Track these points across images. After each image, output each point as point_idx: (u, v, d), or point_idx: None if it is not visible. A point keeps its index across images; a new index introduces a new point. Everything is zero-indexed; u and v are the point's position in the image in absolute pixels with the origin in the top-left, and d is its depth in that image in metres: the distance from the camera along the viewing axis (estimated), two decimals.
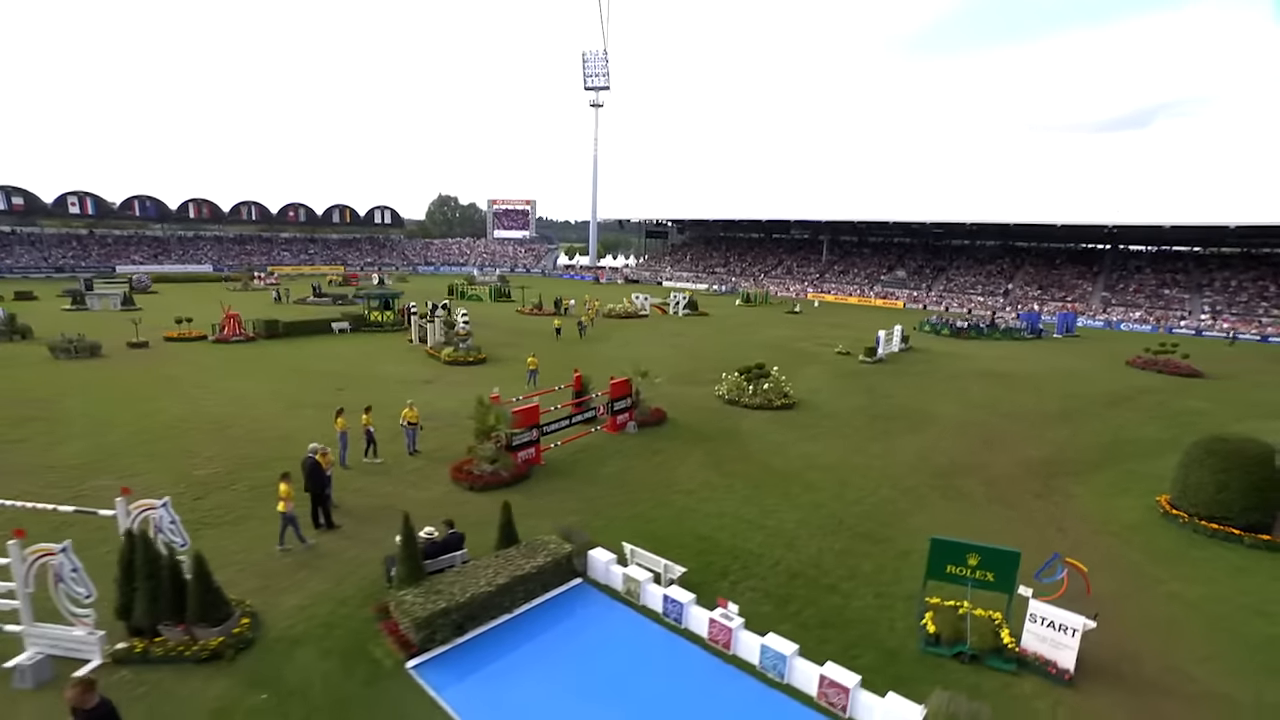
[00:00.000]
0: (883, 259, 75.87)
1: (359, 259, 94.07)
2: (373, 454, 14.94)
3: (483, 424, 14.06)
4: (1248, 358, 35.95)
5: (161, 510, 8.90)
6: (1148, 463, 16.57)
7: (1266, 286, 47.79)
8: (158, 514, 8.87)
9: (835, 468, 15.84)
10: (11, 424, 17.16)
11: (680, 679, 8.05)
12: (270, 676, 7.72)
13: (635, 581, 9.48)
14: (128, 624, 8.15)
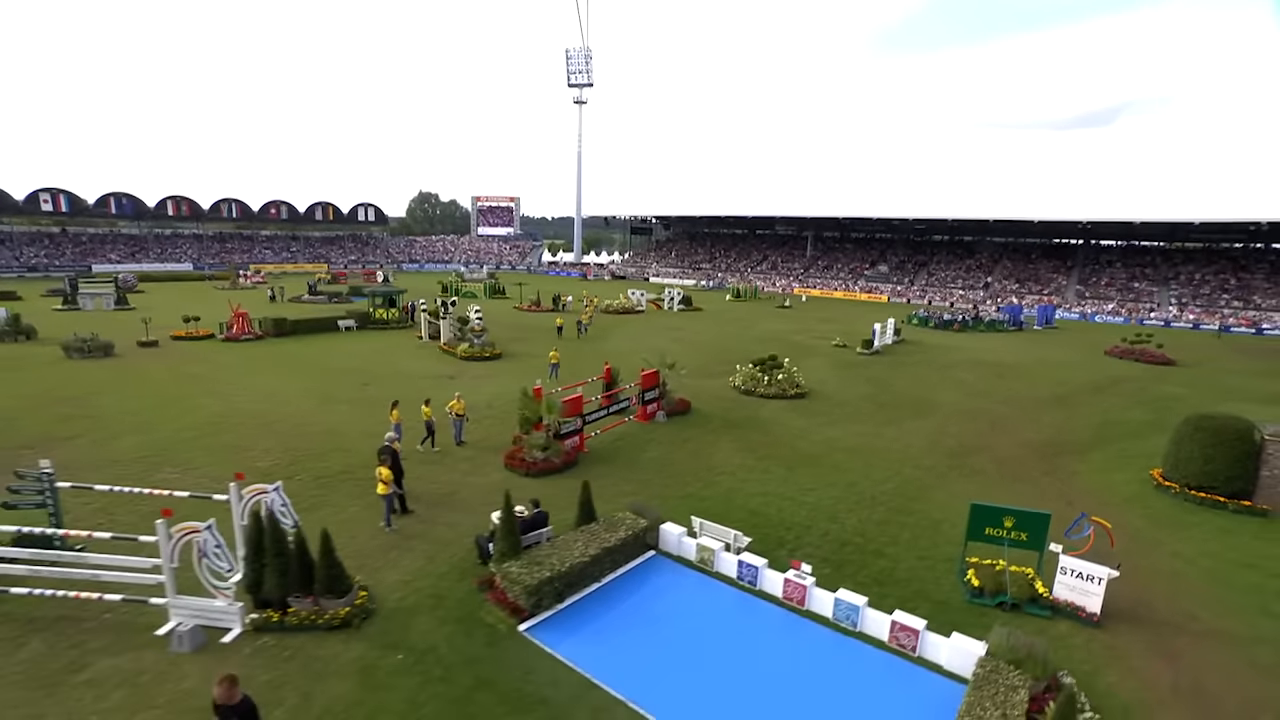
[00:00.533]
0: (865, 254, 77.86)
1: (342, 257, 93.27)
2: (430, 444, 15.69)
3: (533, 414, 14.95)
4: (1213, 347, 38.31)
5: (274, 494, 9.64)
6: (1136, 443, 18.12)
7: (1227, 279, 50.68)
8: (270, 497, 9.60)
9: (858, 450, 17.04)
10: (56, 422, 17.50)
11: (761, 632, 9.09)
12: (398, 641, 8.54)
13: (709, 550, 10.50)
14: (256, 597, 8.88)
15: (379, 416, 18.36)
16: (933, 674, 8.24)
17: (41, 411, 18.43)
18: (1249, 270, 51.51)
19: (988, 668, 7.56)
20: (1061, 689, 7.28)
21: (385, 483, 11.16)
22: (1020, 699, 6.93)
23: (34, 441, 15.80)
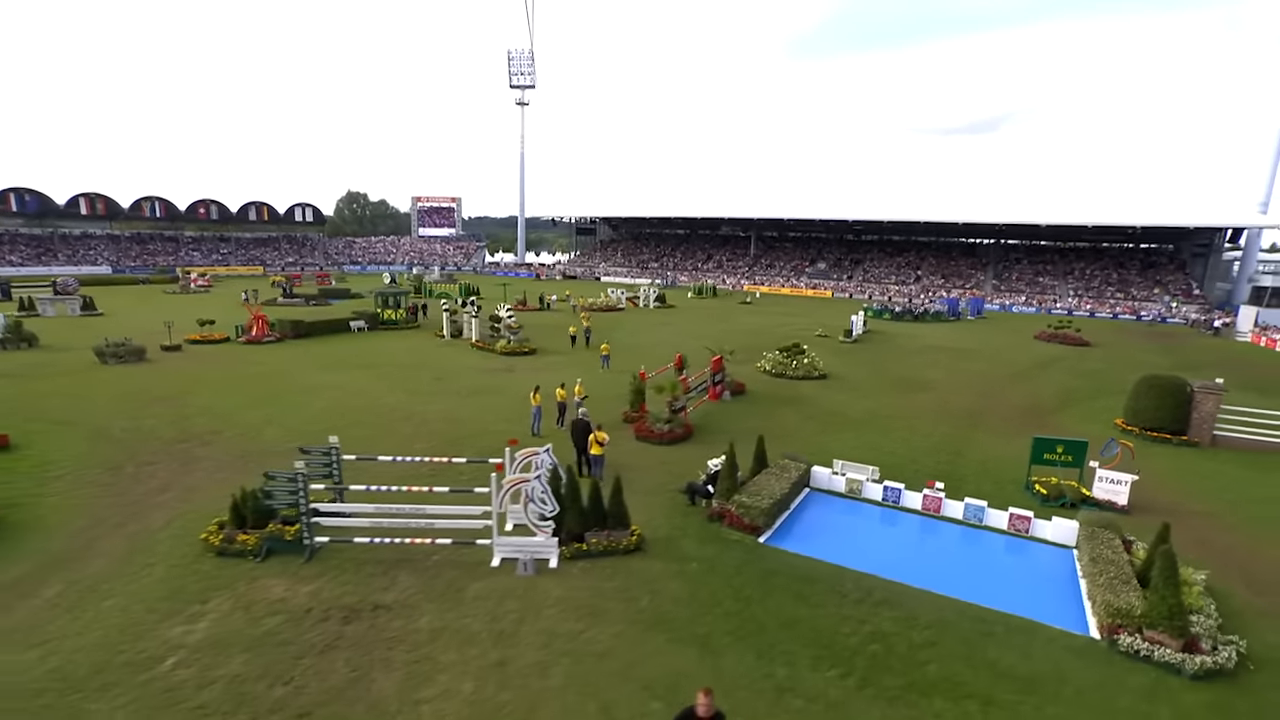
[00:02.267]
0: (804, 252, 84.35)
1: (278, 259, 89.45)
2: (564, 422, 18.17)
3: (659, 390, 17.92)
4: (1114, 330, 46.29)
5: (544, 454, 12.06)
6: (1092, 403, 23.39)
7: (1110, 274, 60.50)
8: (539, 458, 12.02)
9: (894, 416, 21.07)
10: (176, 421, 18.32)
11: (910, 532, 12.65)
12: (681, 556, 11.23)
13: (858, 481, 13.98)
14: (558, 533, 11.32)
15: (483, 405, 20.64)
16: (1043, 545, 12.12)
17: (146, 412, 19.07)
18: (1125, 266, 61.69)
19: (1086, 531, 11.49)
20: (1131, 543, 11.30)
21: (601, 444, 13.78)
22: (1116, 543, 10.85)
23: (180, 439, 16.82)
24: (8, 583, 9.59)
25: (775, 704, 7.60)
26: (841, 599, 9.95)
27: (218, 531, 10.80)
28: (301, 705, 7.28)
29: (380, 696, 7.47)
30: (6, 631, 8.42)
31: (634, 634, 8.83)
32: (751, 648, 8.63)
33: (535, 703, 7.46)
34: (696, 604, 9.67)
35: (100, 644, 8.21)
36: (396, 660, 8.12)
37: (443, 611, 9.23)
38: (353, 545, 10.76)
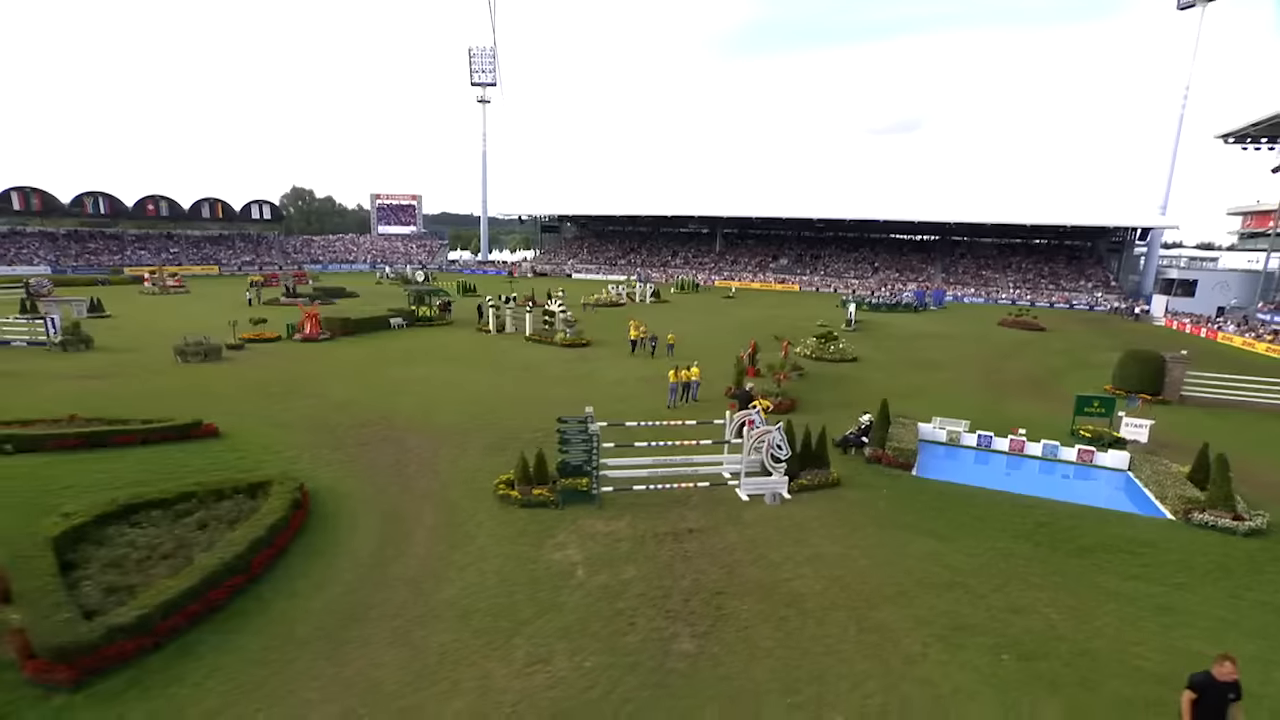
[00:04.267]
0: (766, 249, 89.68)
1: (233, 258, 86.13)
2: (690, 397, 21.27)
3: (770, 369, 21.39)
4: (1057, 317, 53.40)
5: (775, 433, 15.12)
6: (1077, 373, 28.69)
7: (1043, 268, 69.03)
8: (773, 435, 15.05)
9: (929, 388, 25.31)
10: (339, 409, 20.03)
11: (1008, 466, 16.73)
12: (866, 486, 14.71)
13: (956, 432, 17.94)
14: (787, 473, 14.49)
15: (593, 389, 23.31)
16: (1104, 470, 16.47)
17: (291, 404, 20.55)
18: (1054, 260, 70.47)
19: (1138, 459, 15.88)
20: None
21: (767, 410, 17.03)
22: (1165, 463, 15.25)
23: (361, 424, 18.62)
24: (383, 538, 11.77)
25: (1005, 561, 11.22)
26: (1000, 505, 13.76)
27: (508, 488, 13.32)
28: (707, 586, 10.25)
29: (757, 577, 10.54)
30: (420, 576, 10.71)
31: (886, 533, 12.24)
32: (967, 535, 12.24)
33: (856, 570, 10.73)
34: (908, 512, 13.20)
35: (506, 567, 10.73)
36: (743, 558, 11.17)
37: (740, 530, 12.31)
38: (630, 493, 13.60)
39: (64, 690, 7.32)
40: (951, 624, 9.39)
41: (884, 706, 7.65)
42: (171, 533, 10.44)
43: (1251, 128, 43.32)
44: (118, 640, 7.82)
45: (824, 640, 8.93)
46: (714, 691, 7.82)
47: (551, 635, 8.83)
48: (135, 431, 15.60)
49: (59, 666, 7.41)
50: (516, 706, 7.44)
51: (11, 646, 7.80)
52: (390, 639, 8.65)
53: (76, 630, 7.69)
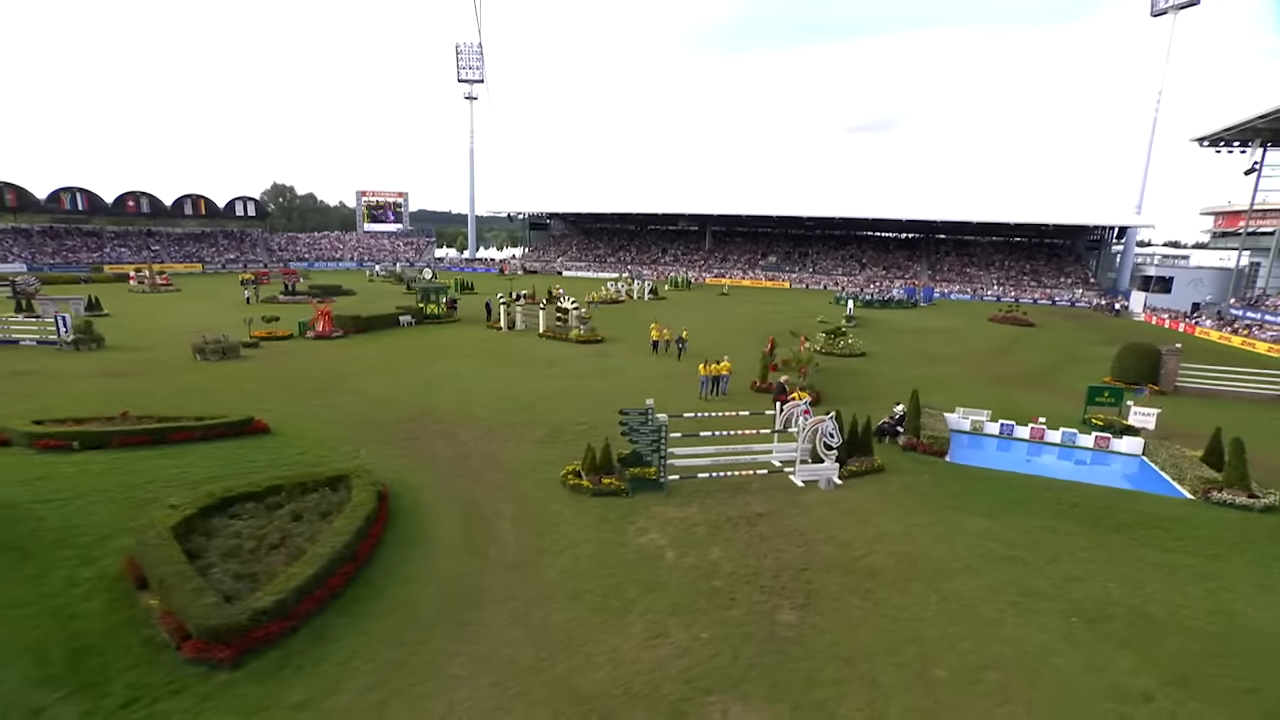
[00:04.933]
0: (754, 246, 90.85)
1: (217, 255, 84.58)
2: (720, 391, 21.99)
3: (797, 362, 22.20)
4: (1043, 313, 55.33)
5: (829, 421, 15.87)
6: (1073, 366, 30.10)
7: (1025, 265, 71.29)
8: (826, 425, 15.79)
9: (940, 380, 26.40)
10: (379, 405, 20.31)
11: (1030, 452, 17.76)
12: (906, 472, 15.56)
13: (980, 421, 18.93)
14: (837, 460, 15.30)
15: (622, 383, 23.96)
16: (1119, 456, 17.59)
17: (328, 400, 20.79)
18: (1035, 258, 72.80)
19: (1155, 444, 17.02)
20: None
21: (798, 398, 17.80)
22: (1178, 448, 16.39)
23: (405, 420, 18.94)
24: (469, 527, 12.22)
25: (1053, 537, 12.14)
26: (1034, 487, 14.73)
27: (576, 478, 13.87)
28: (790, 564, 10.96)
29: (833, 555, 11.28)
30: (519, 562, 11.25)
31: (938, 514, 13.09)
32: (1012, 514, 13.15)
33: (921, 547, 11.53)
34: (954, 495, 14.08)
35: (599, 552, 11.30)
36: (815, 538, 11.90)
37: (805, 513, 13.05)
38: (694, 481, 14.26)
39: (225, 668, 7.73)
40: (1019, 592, 10.24)
41: (980, 662, 8.43)
42: (271, 524, 10.78)
43: (1225, 132, 45.50)
44: (263, 623, 8.23)
45: (909, 608, 9.70)
46: (827, 655, 8.53)
47: (662, 611, 9.45)
48: (193, 428, 15.77)
49: (216, 646, 7.82)
50: (652, 675, 8.05)
51: (164, 629, 8.18)
52: (510, 619, 9.18)
53: (227, 612, 8.09)
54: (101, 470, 13.34)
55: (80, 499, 11.75)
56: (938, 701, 7.72)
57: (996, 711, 7.57)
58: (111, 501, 11.78)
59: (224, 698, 7.35)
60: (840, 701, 7.67)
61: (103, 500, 11.80)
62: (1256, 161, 46.09)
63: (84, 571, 9.48)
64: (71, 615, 8.54)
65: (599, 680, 7.92)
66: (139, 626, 8.42)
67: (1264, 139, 44.76)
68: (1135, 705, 7.69)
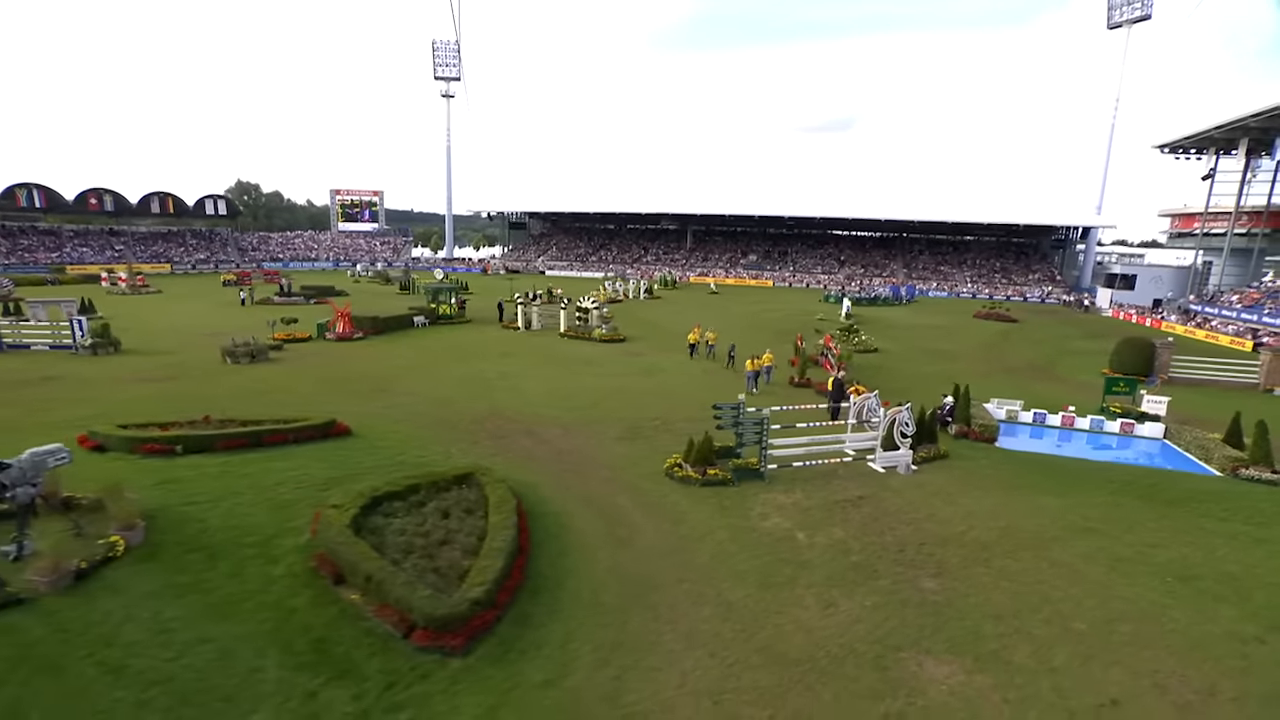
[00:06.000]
0: (734, 245, 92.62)
1: (185, 255, 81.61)
2: (760, 385, 23.10)
3: (841, 358, 23.47)
4: (1016, 310, 58.48)
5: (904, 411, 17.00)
6: (1069, 359, 32.37)
7: (995, 263, 74.97)
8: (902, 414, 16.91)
9: (952, 374, 27.73)
10: (442, 405, 20.63)
11: (1063, 438, 19.43)
12: (965, 457, 16.93)
13: (1015, 410, 20.52)
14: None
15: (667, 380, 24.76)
16: (1142, 439, 19.41)
17: (388, 402, 21.06)
18: (1004, 256, 76.63)
19: (1177, 428, 18.86)
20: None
21: (858, 391, 19.04)
22: (1200, 432, 18.25)
23: (478, 420, 19.32)
24: (602, 518, 12.89)
25: (1119, 510, 13.58)
26: (1083, 468, 16.28)
27: (680, 469, 14.71)
28: (908, 540, 12.05)
29: (940, 531, 12.43)
30: (667, 549, 12.02)
31: (1012, 493, 14.42)
32: (1075, 491, 14.58)
33: (1012, 521, 12.81)
34: (1017, 476, 15.47)
35: (738, 536, 12.19)
36: (917, 517, 13.04)
37: (897, 495, 14.20)
38: (789, 469, 15.26)
39: (457, 655, 8.29)
40: (1111, 558, 11.58)
41: (1108, 616, 9.67)
42: (426, 521, 11.27)
43: (1185, 140, 49.19)
44: (478, 612, 8.82)
45: (1027, 574, 10.91)
46: (978, 614, 9.64)
47: (820, 585, 10.41)
48: (285, 431, 15.91)
49: (446, 635, 8.38)
50: (842, 639, 9.01)
51: (384, 621, 8.68)
52: (692, 599, 9.97)
53: (449, 603, 8.64)
54: (220, 473, 13.47)
55: (224, 501, 11.96)
56: (1089, 648, 8.91)
57: (1142, 654, 8.79)
58: (255, 503, 12.02)
59: (469, 680, 7.94)
60: (1010, 652, 8.77)
61: (246, 502, 12.03)
62: (1212, 168, 49.98)
63: (274, 569, 9.84)
64: (289, 609, 8.95)
65: (800, 645, 8.82)
66: (354, 619, 8.88)
67: (1219, 147, 48.63)
68: (1253, 647, 9.02)
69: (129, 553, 9.70)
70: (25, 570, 8.73)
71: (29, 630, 7.90)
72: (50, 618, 8.17)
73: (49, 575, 8.56)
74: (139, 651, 7.76)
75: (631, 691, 7.84)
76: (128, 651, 7.74)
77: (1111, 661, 8.61)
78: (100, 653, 7.67)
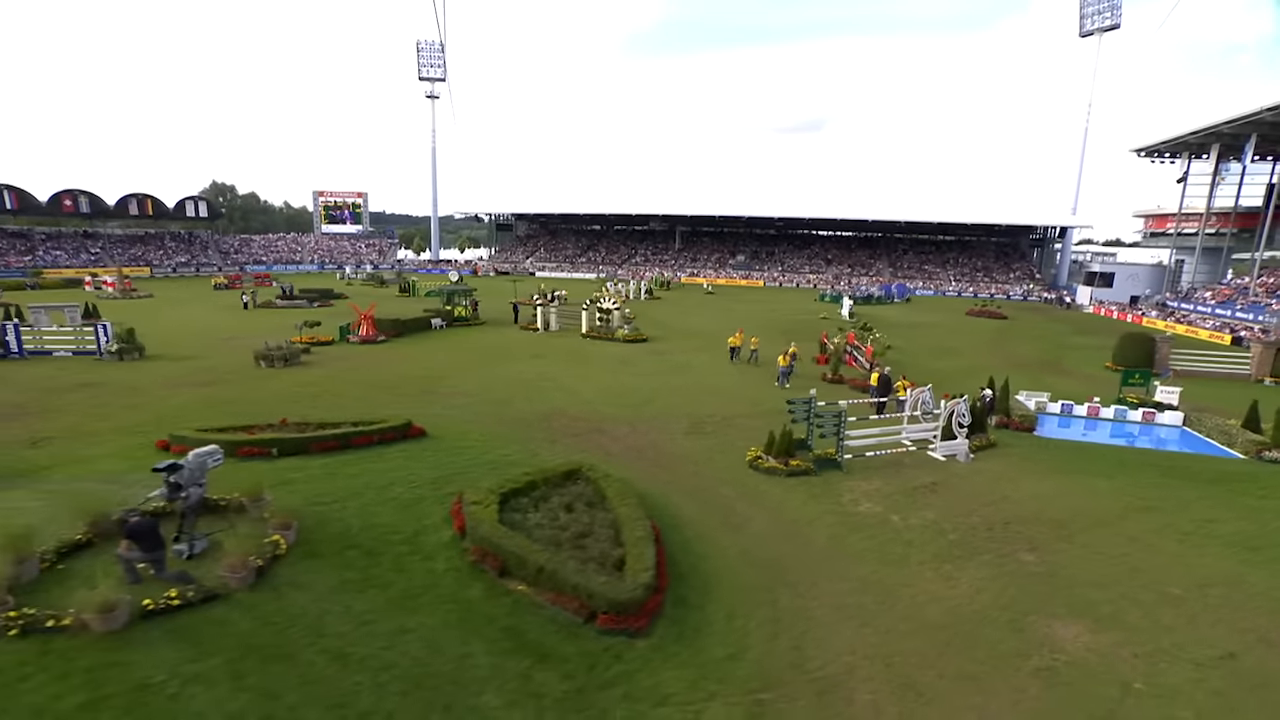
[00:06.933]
0: (722, 246, 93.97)
1: (165, 258, 79.53)
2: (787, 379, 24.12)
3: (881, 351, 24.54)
4: (1007, 307, 60.84)
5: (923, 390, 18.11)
6: (1070, 353, 34.15)
7: (977, 262, 77.73)
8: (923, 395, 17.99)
9: (964, 369, 29.54)
10: (501, 406, 21.05)
11: (1089, 426, 20.81)
12: (1009, 444, 18.10)
13: (1043, 402, 21.86)
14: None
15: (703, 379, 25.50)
16: (1163, 426, 20.91)
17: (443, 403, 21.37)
18: (984, 255, 79.48)
19: (1197, 416, 20.38)
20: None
21: (905, 388, 20.11)
22: (1218, 418, 19.78)
23: (541, 419, 19.81)
24: (714, 508, 13.62)
25: (1166, 490, 14.83)
26: (1122, 454, 17.58)
27: (764, 461, 15.50)
28: (993, 519, 13.04)
29: (1018, 511, 13.45)
30: (788, 533, 12.81)
31: (1067, 477, 15.57)
32: (1122, 475, 15.81)
33: (1078, 501, 13.91)
34: (1065, 461, 16.67)
35: (844, 520, 13.03)
36: (992, 499, 14.05)
37: (963, 481, 15.22)
38: (862, 458, 16.18)
39: (641, 635, 8.91)
40: (1178, 532, 12.75)
41: (1198, 582, 10.76)
42: (558, 515, 11.80)
43: (1160, 145, 52.03)
44: (650, 595, 9.44)
45: (1109, 547, 11.99)
46: (1081, 583, 10.64)
47: (932, 561, 11.31)
48: (371, 433, 16.19)
49: (629, 617, 8.99)
50: (973, 606, 9.91)
51: (564, 608, 9.22)
52: (825, 577, 10.77)
53: (627, 588, 9.22)
54: (327, 475, 13.73)
55: (349, 502, 12.27)
56: (1191, 609, 9.97)
57: (1238, 614, 9.88)
58: (379, 503, 12.35)
59: (661, 658, 8.56)
60: (1123, 614, 9.78)
61: (371, 502, 12.34)
62: (1186, 172, 52.99)
63: (434, 564, 10.27)
64: (466, 601, 9.41)
65: (939, 612, 9.69)
66: (531, 608, 9.35)
67: (1192, 151, 51.59)
68: None
69: (290, 551, 10.04)
70: (216, 567, 9.05)
71: (238, 623, 8.24)
72: (251, 611, 8.52)
73: (239, 572, 8.90)
74: (353, 641, 8.19)
75: (812, 659, 8.59)
76: (342, 641, 8.17)
77: (1214, 620, 9.67)
78: (318, 642, 8.07)
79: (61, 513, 10.80)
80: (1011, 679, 8.29)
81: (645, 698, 7.75)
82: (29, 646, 7.40)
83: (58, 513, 10.80)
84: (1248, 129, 43.31)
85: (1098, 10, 67.19)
